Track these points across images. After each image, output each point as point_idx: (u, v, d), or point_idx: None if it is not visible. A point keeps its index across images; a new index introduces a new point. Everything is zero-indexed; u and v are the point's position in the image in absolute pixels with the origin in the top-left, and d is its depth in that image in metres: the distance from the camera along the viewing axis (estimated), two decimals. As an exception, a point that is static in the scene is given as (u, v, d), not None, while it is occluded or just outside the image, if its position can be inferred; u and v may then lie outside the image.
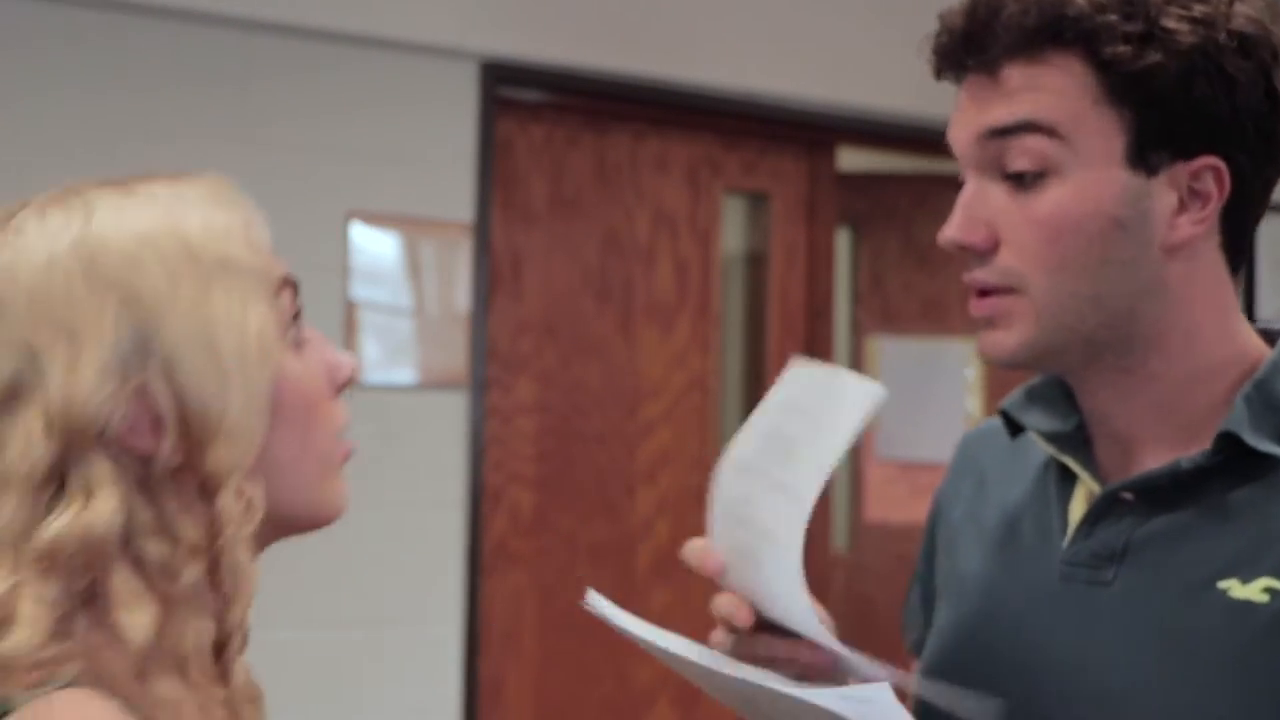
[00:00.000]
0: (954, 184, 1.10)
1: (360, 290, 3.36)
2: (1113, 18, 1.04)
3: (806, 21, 3.87)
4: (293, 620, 3.21)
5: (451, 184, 3.46)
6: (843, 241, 4.62)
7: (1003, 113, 1.06)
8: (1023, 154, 1.06)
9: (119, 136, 3.11)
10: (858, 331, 4.79)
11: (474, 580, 3.46)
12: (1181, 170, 1.06)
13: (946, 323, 4.71)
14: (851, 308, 4.78)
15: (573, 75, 3.63)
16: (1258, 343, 1.12)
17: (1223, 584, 1.02)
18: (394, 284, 3.41)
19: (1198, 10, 1.04)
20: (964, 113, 1.10)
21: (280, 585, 3.70)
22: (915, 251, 4.72)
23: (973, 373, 4.70)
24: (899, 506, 4.69)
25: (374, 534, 3.32)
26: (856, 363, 4.77)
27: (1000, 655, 1.12)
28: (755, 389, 4.10)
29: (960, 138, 1.10)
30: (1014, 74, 1.06)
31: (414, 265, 3.43)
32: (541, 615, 3.68)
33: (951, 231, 1.08)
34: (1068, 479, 1.15)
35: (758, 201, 4.11)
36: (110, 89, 3.11)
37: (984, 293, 1.09)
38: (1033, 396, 1.20)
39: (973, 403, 4.69)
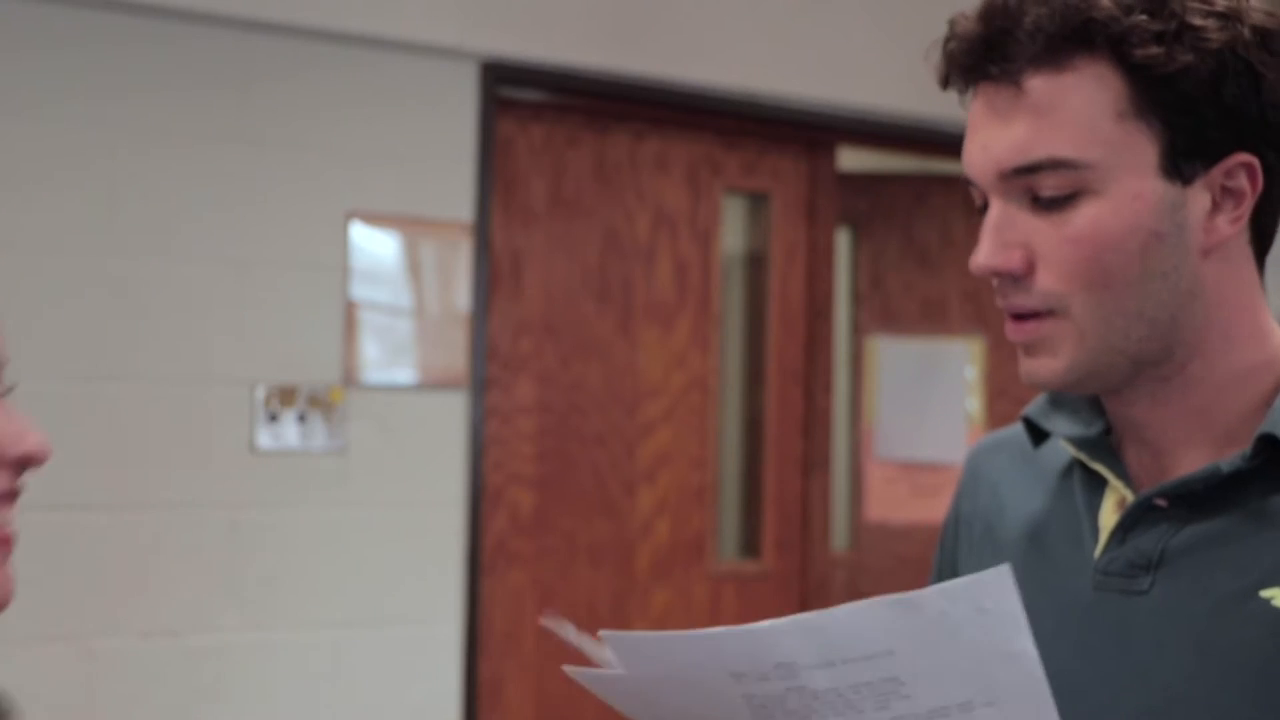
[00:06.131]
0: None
1: (360, 290, 3.36)
2: (1142, 18, 0.99)
3: (806, 21, 3.87)
4: (293, 620, 3.21)
5: (451, 184, 3.46)
6: (843, 241, 4.62)
7: (1024, 144, 1.01)
8: (1051, 184, 1.01)
9: (119, 136, 3.11)
10: (858, 331, 4.78)
11: (474, 580, 3.46)
12: (1215, 171, 1.02)
13: (946, 323, 4.71)
14: (851, 308, 4.78)
15: (573, 75, 3.63)
16: None
17: (1265, 593, 0.99)
18: (394, 284, 3.41)
19: (1221, 5, 1.01)
20: (983, 130, 1.04)
21: (280, 586, 3.69)
22: (915, 251, 4.72)
23: (973, 372, 4.70)
24: (899, 506, 4.69)
25: (374, 534, 3.32)
26: (856, 362, 4.77)
27: None
28: (755, 389, 4.10)
29: (980, 164, 1.04)
30: (1038, 85, 1.01)
31: (414, 265, 3.43)
32: (541, 615, 3.67)
33: (984, 258, 1.04)
34: (1095, 486, 1.12)
35: (758, 201, 4.11)
36: (110, 89, 3.11)
37: (1021, 317, 1.05)
38: (1056, 403, 1.15)
39: (973, 403, 4.69)
